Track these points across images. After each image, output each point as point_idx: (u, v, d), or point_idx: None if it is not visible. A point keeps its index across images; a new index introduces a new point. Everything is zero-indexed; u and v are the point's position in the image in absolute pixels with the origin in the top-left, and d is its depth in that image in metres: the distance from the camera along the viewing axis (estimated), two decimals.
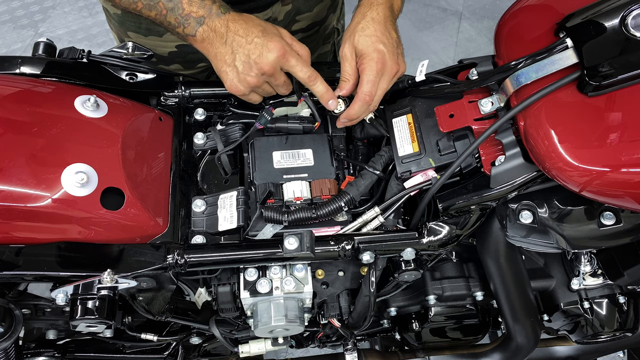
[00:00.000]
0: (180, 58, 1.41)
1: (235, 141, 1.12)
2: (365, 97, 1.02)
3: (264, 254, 0.99)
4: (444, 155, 1.05)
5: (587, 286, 1.27)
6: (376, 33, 1.02)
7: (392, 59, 1.03)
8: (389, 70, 1.03)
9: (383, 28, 1.03)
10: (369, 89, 1.02)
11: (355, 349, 1.39)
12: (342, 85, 1.05)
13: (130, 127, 1.04)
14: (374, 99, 1.03)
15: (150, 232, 1.01)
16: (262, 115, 1.09)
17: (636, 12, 0.87)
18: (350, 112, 1.05)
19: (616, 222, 1.01)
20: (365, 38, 1.02)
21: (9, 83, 1.05)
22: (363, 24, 1.03)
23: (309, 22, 1.44)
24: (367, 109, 1.05)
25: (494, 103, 1.00)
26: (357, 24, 1.04)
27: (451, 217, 1.03)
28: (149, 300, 1.07)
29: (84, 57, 1.16)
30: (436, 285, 1.24)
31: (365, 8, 1.05)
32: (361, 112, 1.05)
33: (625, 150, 0.85)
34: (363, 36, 1.02)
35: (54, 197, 0.92)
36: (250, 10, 1.30)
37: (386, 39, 1.03)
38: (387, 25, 1.04)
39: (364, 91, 1.02)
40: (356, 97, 1.03)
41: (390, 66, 1.03)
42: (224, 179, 1.16)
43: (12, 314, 1.03)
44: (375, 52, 1.01)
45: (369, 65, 1.01)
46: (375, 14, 1.04)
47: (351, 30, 1.04)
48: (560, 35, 0.92)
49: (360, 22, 1.03)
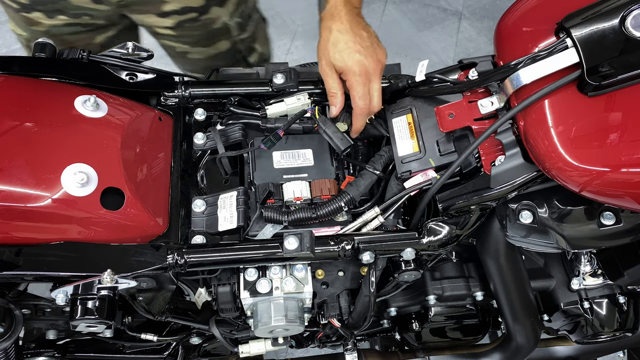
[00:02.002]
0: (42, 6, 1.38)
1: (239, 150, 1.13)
2: (363, 110, 1.06)
3: (264, 254, 0.99)
4: (444, 155, 1.05)
5: (587, 286, 1.27)
6: (348, 44, 1.04)
7: (372, 60, 1.04)
8: (373, 72, 1.05)
9: (352, 35, 1.04)
10: (363, 103, 1.05)
11: (355, 349, 1.39)
12: (332, 101, 1.09)
13: (130, 127, 1.04)
14: (373, 103, 1.06)
15: (150, 232, 1.01)
16: (269, 139, 1.09)
17: (636, 12, 0.87)
18: (357, 126, 1.10)
19: (616, 222, 1.02)
20: (340, 54, 1.04)
21: (9, 83, 1.05)
22: (332, 39, 1.05)
23: (181, 4, 1.40)
24: (369, 115, 1.10)
25: (494, 103, 1.00)
26: (327, 40, 1.05)
27: (451, 217, 1.03)
28: (149, 300, 1.07)
29: (84, 57, 1.16)
30: (436, 285, 1.24)
31: (328, 22, 1.06)
32: (364, 121, 1.10)
33: (625, 150, 0.85)
34: (337, 52, 1.04)
35: (54, 197, 0.92)
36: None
37: (359, 44, 1.04)
38: (355, 29, 1.06)
39: (359, 106, 1.06)
40: (354, 113, 1.07)
41: (373, 68, 1.04)
42: (224, 179, 1.16)
43: (12, 314, 1.03)
44: (355, 65, 1.03)
45: (355, 80, 1.04)
46: (339, 25, 1.05)
47: (322, 47, 1.06)
48: (560, 35, 0.92)
49: (329, 38, 1.05)
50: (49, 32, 1.41)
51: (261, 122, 1.14)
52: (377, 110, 1.09)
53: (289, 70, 1.16)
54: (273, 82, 1.15)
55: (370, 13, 2.91)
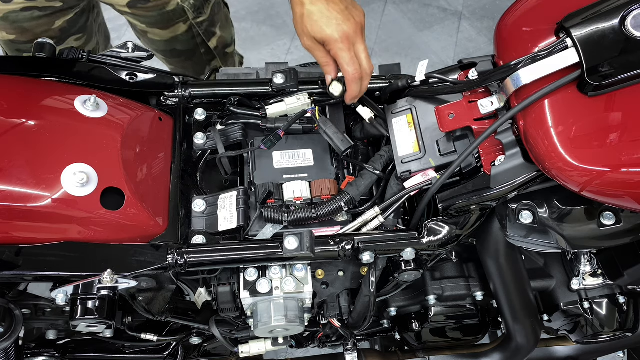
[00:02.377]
0: None
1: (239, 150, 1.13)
2: (355, 75, 1.04)
3: (264, 254, 0.99)
4: (444, 155, 1.05)
5: (587, 286, 1.27)
6: (322, 12, 1.02)
7: (350, 23, 1.03)
8: (355, 34, 1.03)
9: (325, 3, 1.03)
10: (353, 68, 1.03)
11: (355, 349, 1.39)
12: (326, 70, 1.08)
13: (130, 127, 1.04)
14: (363, 65, 1.04)
15: (150, 232, 1.01)
16: (269, 139, 1.09)
17: (636, 12, 0.87)
18: (351, 92, 1.07)
19: (616, 222, 1.01)
20: (317, 24, 1.02)
21: (9, 83, 1.05)
22: (305, 12, 1.03)
23: None
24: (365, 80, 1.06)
25: (494, 103, 1.00)
26: (302, 15, 1.04)
27: (451, 217, 1.03)
28: (149, 300, 1.07)
29: (84, 57, 1.16)
30: (436, 285, 1.24)
31: None
32: (358, 87, 1.07)
33: (625, 150, 0.85)
34: (313, 23, 1.02)
35: (54, 197, 0.92)
36: None
37: (334, 10, 1.02)
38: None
39: (350, 72, 1.03)
40: (347, 81, 1.05)
41: (353, 30, 1.03)
42: (224, 179, 1.16)
43: (12, 314, 1.03)
44: (334, 32, 1.01)
45: (338, 48, 1.02)
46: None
47: (299, 22, 1.05)
48: (560, 35, 0.92)
49: (302, 12, 1.03)
50: (8, 19, 1.39)
51: (261, 122, 1.14)
52: (370, 72, 1.06)
53: (289, 70, 1.16)
54: (273, 82, 1.15)
55: (370, 13, 2.91)
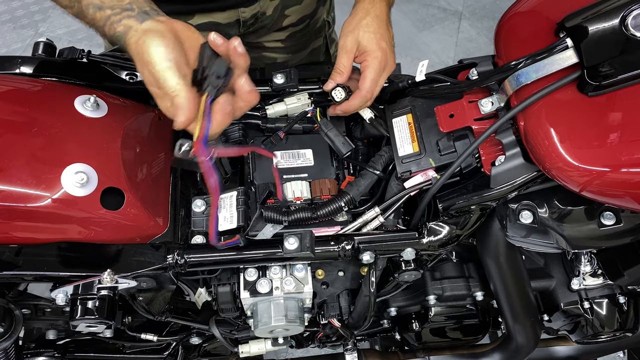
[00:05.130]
0: None
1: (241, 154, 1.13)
2: (367, 94, 1.05)
3: (264, 254, 0.99)
4: (444, 155, 1.05)
5: (587, 286, 1.27)
6: (380, 30, 1.04)
7: (392, 57, 1.06)
8: (389, 68, 1.06)
9: (385, 26, 1.06)
10: (371, 86, 1.04)
11: (355, 349, 1.39)
12: (334, 77, 1.07)
13: (130, 127, 1.04)
14: (374, 94, 1.06)
15: (150, 232, 1.01)
16: (270, 140, 1.10)
17: (636, 12, 0.87)
18: (350, 106, 1.07)
19: (616, 222, 1.01)
20: (370, 35, 1.04)
21: (9, 83, 1.05)
22: (367, 20, 1.05)
23: (299, 15, 1.43)
24: (365, 104, 1.08)
25: (494, 103, 1.00)
26: (361, 19, 1.05)
27: (451, 217, 1.03)
28: (149, 300, 1.07)
29: (84, 57, 1.16)
30: (436, 285, 1.24)
31: (367, 4, 1.06)
32: (359, 107, 1.08)
33: (625, 150, 0.85)
34: (367, 32, 1.04)
35: (54, 197, 0.92)
36: (237, 5, 1.30)
37: (387, 37, 1.05)
38: (388, 23, 1.07)
39: (365, 88, 1.04)
40: (357, 93, 1.06)
41: (390, 65, 1.06)
42: (224, 179, 1.16)
43: (12, 314, 1.03)
44: (379, 50, 1.03)
45: (373, 63, 1.03)
46: (378, 11, 1.06)
47: (354, 25, 1.05)
48: (561, 35, 0.92)
49: (364, 18, 1.05)
50: None
51: (261, 122, 1.14)
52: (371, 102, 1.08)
53: (289, 70, 1.16)
54: (273, 82, 1.15)
55: None
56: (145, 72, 0.83)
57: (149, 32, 0.82)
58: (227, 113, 0.84)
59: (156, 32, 0.82)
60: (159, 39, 0.81)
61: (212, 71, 0.83)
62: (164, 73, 0.80)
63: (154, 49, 0.80)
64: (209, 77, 0.83)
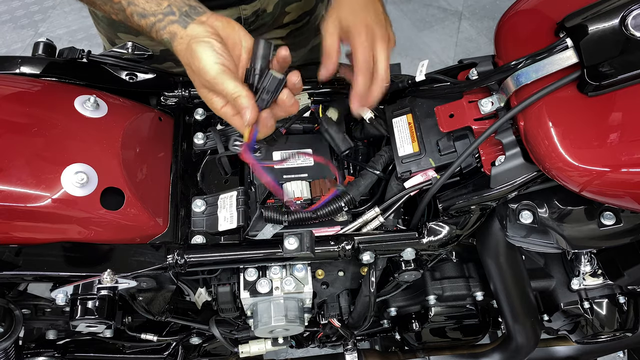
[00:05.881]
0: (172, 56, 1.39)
1: None
2: (364, 65, 0.96)
3: (264, 254, 0.99)
4: (444, 155, 1.05)
5: (587, 286, 1.27)
6: (366, 8, 0.98)
7: (381, 29, 0.97)
8: (381, 38, 0.97)
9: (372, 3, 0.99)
10: (365, 55, 0.96)
11: (355, 349, 1.39)
12: (325, 61, 1.00)
13: (130, 127, 1.04)
14: (379, 68, 0.97)
15: (150, 232, 1.01)
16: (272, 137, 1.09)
17: (636, 12, 0.87)
18: (357, 88, 0.98)
19: (616, 222, 1.01)
20: (349, 13, 0.97)
21: (8, 83, 1.05)
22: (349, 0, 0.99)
23: (299, 12, 1.42)
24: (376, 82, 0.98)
25: (494, 103, 1.00)
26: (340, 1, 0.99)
27: (451, 217, 1.03)
28: (149, 300, 1.07)
29: (83, 57, 1.16)
30: (436, 285, 1.24)
31: None
32: (367, 85, 0.98)
33: (625, 150, 0.85)
34: (350, 12, 0.97)
35: (54, 197, 0.92)
36: (238, 2, 1.30)
37: (373, 11, 0.99)
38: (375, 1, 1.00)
39: (359, 59, 0.96)
40: (355, 70, 0.98)
41: (381, 34, 0.97)
42: (224, 179, 1.16)
43: (12, 314, 1.03)
44: (363, 26, 0.96)
45: (358, 34, 0.96)
46: None
47: (336, 4, 1.00)
48: (560, 35, 0.92)
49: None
50: None
51: None
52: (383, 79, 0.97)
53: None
54: None
55: None
56: (197, 78, 0.86)
57: (194, 39, 0.85)
58: (268, 127, 0.90)
59: (201, 38, 0.85)
60: (205, 45, 0.84)
61: (263, 85, 0.87)
62: (219, 78, 0.83)
63: (202, 55, 0.83)
64: (260, 91, 0.87)
